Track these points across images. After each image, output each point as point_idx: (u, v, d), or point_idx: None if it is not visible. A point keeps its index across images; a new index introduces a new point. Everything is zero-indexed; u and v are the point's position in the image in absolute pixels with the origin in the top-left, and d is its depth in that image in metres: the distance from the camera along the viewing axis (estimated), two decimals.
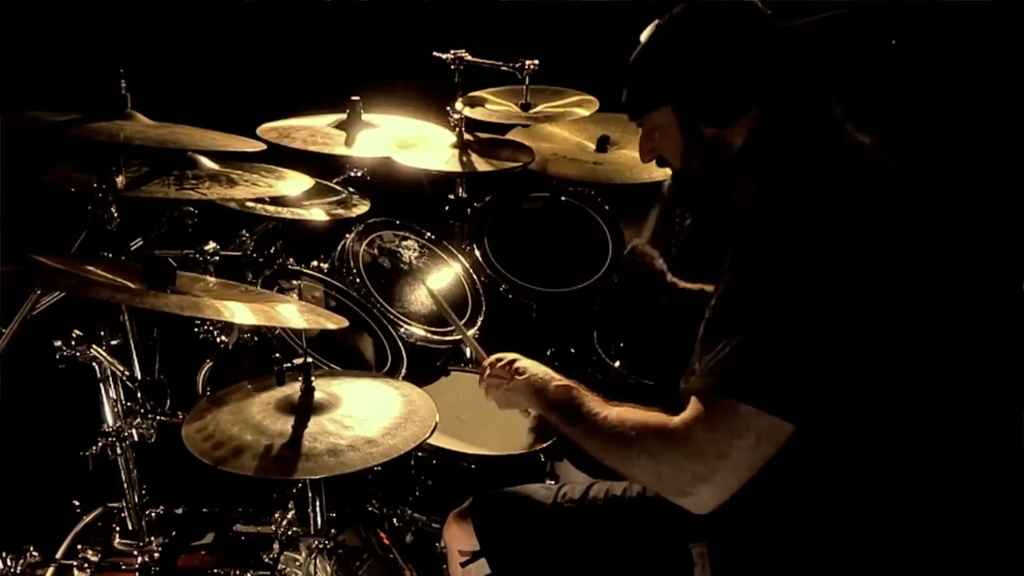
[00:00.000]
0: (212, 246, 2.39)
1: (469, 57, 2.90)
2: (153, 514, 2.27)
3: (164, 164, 2.18)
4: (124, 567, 2.20)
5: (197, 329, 2.34)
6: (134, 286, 1.87)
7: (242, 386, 2.03)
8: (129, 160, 2.11)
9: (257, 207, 2.59)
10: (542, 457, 2.35)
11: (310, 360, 1.97)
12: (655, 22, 1.74)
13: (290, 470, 1.77)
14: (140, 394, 2.18)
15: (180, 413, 2.14)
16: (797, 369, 1.48)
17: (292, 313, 2.00)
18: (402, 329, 2.53)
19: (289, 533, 2.15)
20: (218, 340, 2.34)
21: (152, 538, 2.22)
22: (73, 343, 2.08)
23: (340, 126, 2.72)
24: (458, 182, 3.04)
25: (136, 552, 2.20)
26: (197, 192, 2.12)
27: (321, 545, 2.10)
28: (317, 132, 2.68)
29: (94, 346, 2.10)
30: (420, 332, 2.56)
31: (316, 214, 2.68)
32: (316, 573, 2.11)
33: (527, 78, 2.96)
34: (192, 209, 2.45)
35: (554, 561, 1.87)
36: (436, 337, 2.59)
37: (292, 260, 2.62)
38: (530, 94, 3.02)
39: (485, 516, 1.92)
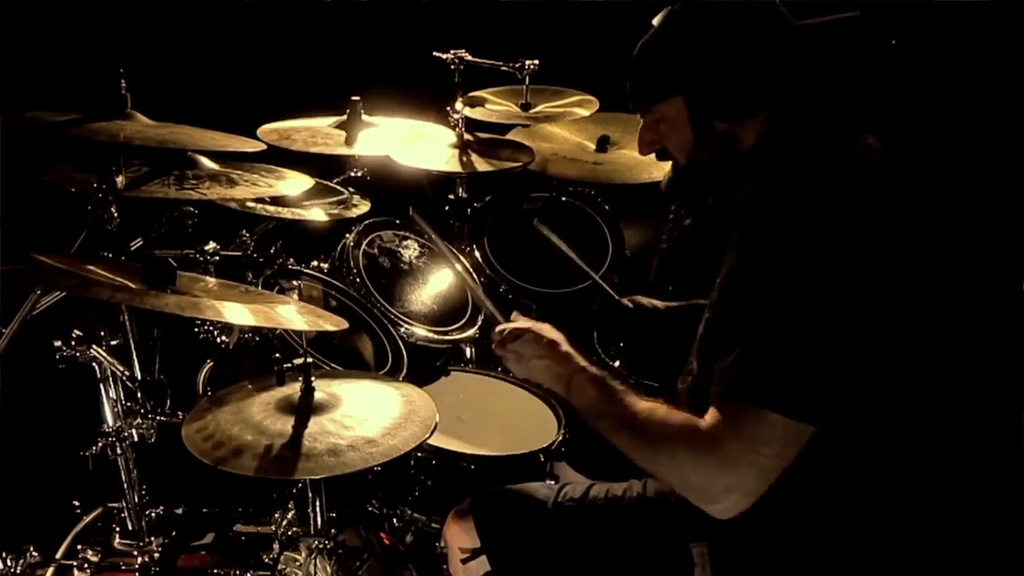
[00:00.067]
0: (212, 246, 2.38)
1: (469, 57, 2.89)
2: (153, 514, 2.26)
3: (164, 164, 2.18)
4: (124, 567, 2.20)
5: (197, 329, 2.33)
6: (134, 286, 1.87)
7: (242, 386, 2.03)
8: (129, 160, 2.11)
9: (257, 207, 2.59)
10: (542, 457, 2.35)
11: (310, 360, 1.97)
12: (667, 8, 1.68)
13: (290, 470, 1.76)
14: (140, 394, 2.18)
15: (180, 413, 2.14)
16: (818, 372, 1.47)
17: (292, 313, 2.00)
18: (402, 329, 2.53)
19: (289, 533, 2.14)
20: (218, 340, 2.34)
21: (152, 538, 2.22)
22: (73, 343, 2.08)
23: (340, 126, 2.73)
24: (458, 182, 3.04)
25: (136, 552, 2.20)
26: (197, 192, 2.12)
27: (321, 545, 2.10)
28: (318, 133, 2.68)
29: (94, 346, 2.10)
30: (420, 332, 2.55)
31: (316, 214, 2.68)
32: (316, 573, 2.11)
33: (527, 78, 2.96)
34: (192, 209, 2.44)
35: (554, 560, 1.86)
36: (436, 337, 2.59)
37: (292, 260, 2.62)
38: (530, 94, 3.02)
39: (486, 513, 1.92)
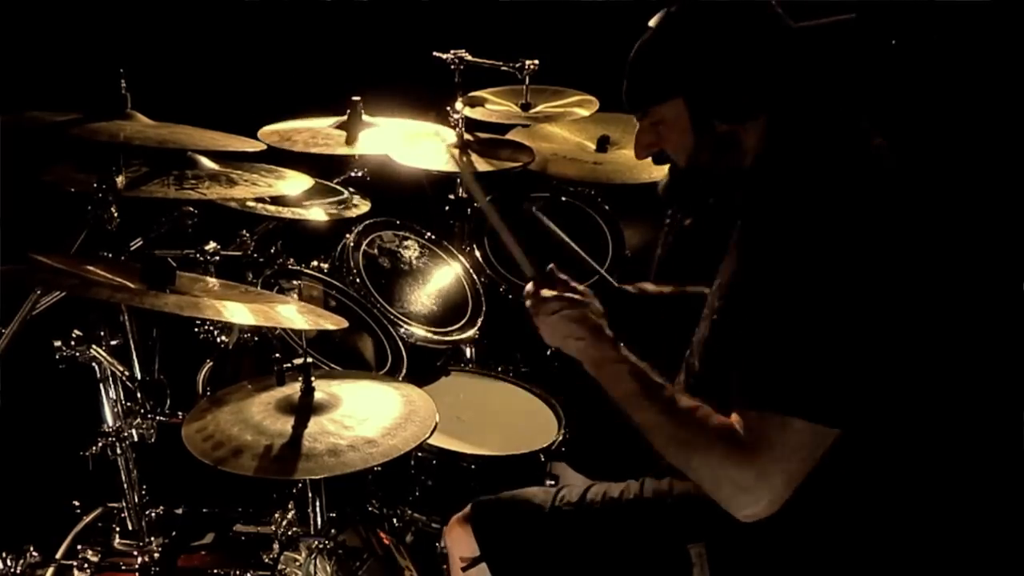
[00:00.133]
0: (212, 246, 2.39)
1: (469, 57, 2.90)
2: (153, 514, 2.26)
3: (164, 164, 2.18)
4: (124, 567, 2.20)
5: (197, 329, 2.33)
6: (134, 286, 1.87)
7: (242, 386, 2.03)
8: (129, 160, 2.11)
9: (257, 207, 2.59)
10: (541, 457, 2.35)
11: (310, 360, 1.97)
12: (664, 10, 1.67)
13: (290, 470, 1.76)
14: (140, 394, 2.17)
15: (180, 413, 2.14)
16: (837, 375, 1.46)
17: (292, 313, 2.00)
18: (402, 329, 2.53)
19: (289, 533, 2.14)
20: (218, 340, 2.34)
21: (152, 538, 2.22)
22: (73, 343, 2.07)
23: (341, 126, 2.72)
24: (458, 182, 3.04)
25: (136, 552, 2.20)
26: (197, 192, 2.12)
27: (321, 545, 2.10)
28: (318, 133, 2.68)
29: (94, 346, 2.10)
30: (420, 332, 2.55)
31: (316, 214, 2.68)
32: (316, 573, 2.11)
33: (527, 78, 2.96)
34: (192, 209, 2.44)
35: (553, 564, 1.86)
36: (436, 337, 2.59)
37: (292, 260, 2.62)
38: (530, 94, 3.02)
39: (484, 521, 1.91)
